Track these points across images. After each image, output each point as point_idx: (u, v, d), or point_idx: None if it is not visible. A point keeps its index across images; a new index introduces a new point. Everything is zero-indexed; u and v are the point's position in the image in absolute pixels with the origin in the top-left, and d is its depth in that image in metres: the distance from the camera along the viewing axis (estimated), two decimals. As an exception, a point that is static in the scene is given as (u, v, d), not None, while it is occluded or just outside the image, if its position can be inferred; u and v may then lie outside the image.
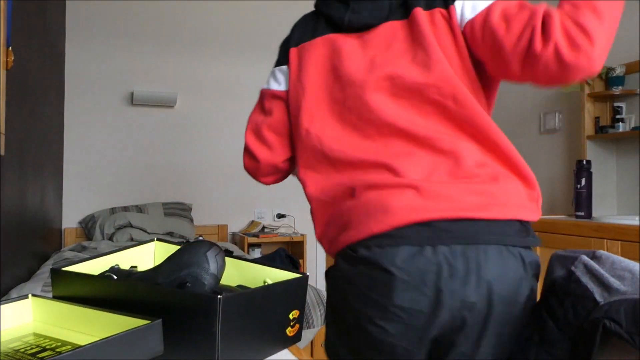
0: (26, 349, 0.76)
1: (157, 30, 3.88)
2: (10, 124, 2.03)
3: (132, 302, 0.83)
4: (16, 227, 2.25)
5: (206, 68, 4.00)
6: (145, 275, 0.91)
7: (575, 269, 0.96)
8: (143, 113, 3.84)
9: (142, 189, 3.82)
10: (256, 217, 4.11)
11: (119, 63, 3.78)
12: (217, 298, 0.75)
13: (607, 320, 0.85)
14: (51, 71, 3.11)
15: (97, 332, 0.79)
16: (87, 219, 3.60)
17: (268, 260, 3.18)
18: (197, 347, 0.77)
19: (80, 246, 3.22)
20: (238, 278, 1.03)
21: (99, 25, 3.73)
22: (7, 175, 2.05)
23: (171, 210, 3.72)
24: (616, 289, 0.89)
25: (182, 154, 3.93)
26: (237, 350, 0.80)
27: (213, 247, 0.89)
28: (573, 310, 0.92)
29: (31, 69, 2.48)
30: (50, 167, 3.11)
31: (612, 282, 0.90)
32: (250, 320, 0.83)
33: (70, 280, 0.92)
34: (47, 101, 2.98)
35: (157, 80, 3.87)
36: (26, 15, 2.33)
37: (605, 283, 0.91)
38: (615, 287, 0.89)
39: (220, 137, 4.03)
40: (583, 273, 0.95)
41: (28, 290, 2.10)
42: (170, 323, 0.76)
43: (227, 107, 4.05)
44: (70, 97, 3.65)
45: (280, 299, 0.90)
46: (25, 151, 2.40)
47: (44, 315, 0.88)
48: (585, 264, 0.95)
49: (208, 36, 4.01)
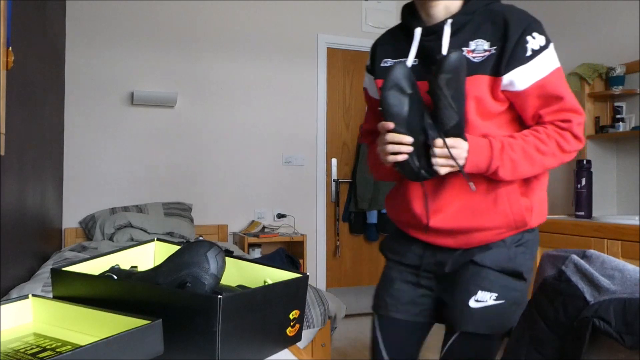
0: (26, 349, 0.76)
1: (157, 30, 3.88)
2: (10, 124, 2.03)
3: (132, 302, 0.82)
4: (16, 227, 2.25)
5: (206, 68, 4.00)
6: (145, 275, 0.91)
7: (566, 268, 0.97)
8: (143, 113, 3.84)
9: (142, 189, 3.82)
10: (256, 217, 4.11)
11: (119, 63, 3.78)
12: (217, 298, 0.75)
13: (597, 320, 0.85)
14: (51, 71, 3.11)
15: (97, 332, 0.79)
16: (87, 219, 3.60)
17: (268, 260, 3.19)
18: (197, 347, 0.77)
19: (81, 246, 3.22)
20: (238, 278, 1.03)
21: (99, 25, 3.73)
22: (7, 175, 2.05)
23: (171, 210, 3.72)
24: (606, 288, 0.89)
25: (182, 154, 3.93)
26: (237, 350, 0.80)
27: (213, 247, 0.89)
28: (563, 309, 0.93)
29: (31, 69, 2.48)
30: (50, 167, 3.11)
31: (602, 281, 0.91)
32: (250, 321, 0.83)
33: (71, 280, 0.92)
34: (47, 101, 2.98)
35: (157, 80, 3.87)
36: (26, 15, 2.33)
37: (595, 282, 0.91)
38: (605, 287, 0.90)
39: (220, 137, 4.03)
40: (573, 272, 0.95)
41: (28, 290, 2.09)
42: (170, 323, 0.76)
43: (227, 107, 4.05)
44: (70, 97, 3.65)
45: (280, 299, 0.90)
46: (25, 151, 2.40)
47: (44, 315, 0.88)
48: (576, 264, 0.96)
49: (208, 36, 4.01)
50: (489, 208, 1.23)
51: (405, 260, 1.38)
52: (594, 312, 0.86)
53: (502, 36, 1.17)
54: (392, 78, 1.14)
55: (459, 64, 1.12)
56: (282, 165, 4.20)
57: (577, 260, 0.96)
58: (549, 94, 1.17)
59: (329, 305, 2.39)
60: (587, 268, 0.93)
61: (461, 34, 1.21)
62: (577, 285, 0.92)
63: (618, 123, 3.01)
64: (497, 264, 1.25)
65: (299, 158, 4.22)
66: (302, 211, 4.22)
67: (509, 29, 1.16)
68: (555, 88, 1.17)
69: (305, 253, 3.91)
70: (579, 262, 0.95)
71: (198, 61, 3.98)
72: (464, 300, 1.25)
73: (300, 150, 4.21)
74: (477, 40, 1.19)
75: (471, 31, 1.20)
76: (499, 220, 1.23)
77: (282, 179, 4.20)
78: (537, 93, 1.18)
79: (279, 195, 4.18)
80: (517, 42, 1.15)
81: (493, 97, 1.20)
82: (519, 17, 1.19)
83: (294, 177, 4.23)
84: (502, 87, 1.18)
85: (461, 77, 1.13)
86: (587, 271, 0.93)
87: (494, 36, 1.18)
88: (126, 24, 3.80)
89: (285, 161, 4.20)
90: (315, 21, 4.29)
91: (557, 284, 0.96)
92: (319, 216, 4.28)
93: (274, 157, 4.18)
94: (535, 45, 1.16)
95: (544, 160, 1.19)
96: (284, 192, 4.19)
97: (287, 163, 4.21)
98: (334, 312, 2.45)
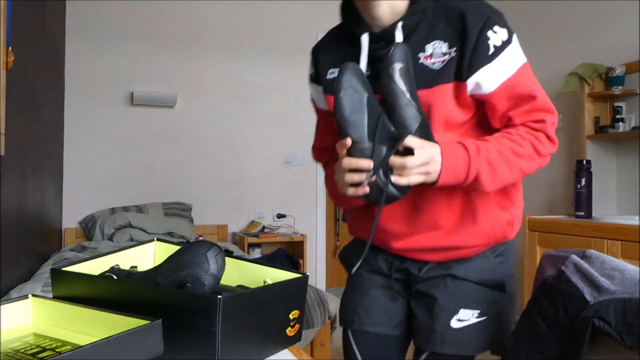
0: (26, 349, 0.76)
1: (157, 30, 3.88)
2: (10, 124, 2.03)
3: (132, 302, 0.82)
4: (16, 227, 2.25)
5: (206, 68, 4.00)
6: (145, 275, 0.91)
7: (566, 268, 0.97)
8: (143, 113, 3.84)
9: (142, 189, 3.82)
10: (256, 217, 4.11)
11: (119, 63, 3.78)
12: (217, 298, 0.75)
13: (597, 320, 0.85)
14: (51, 71, 3.11)
15: (97, 332, 0.78)
16: (87, 219, 3.60)
17: (268, 260, 3.18)
18: (197, 347, 0.77)
19: (80, 246, 3.22)
20: (238, 278, 1.03)
21: (99, 25, 3.73)
22: (7, 175, 2.05)
23: (171, 210, 3.72)
24: (606, 289, 0.89)
25: (182, 154, 3.93)
26: (237, 350, 0.80)
27: (213, 247, 0.89)
28: (563, 309, 0.93)
29: (31, 69, 2.48)
30: (50, 167, 3.11)
31: (602, 281, 0.91)
32: (250, 321, 0.83)
33: (70, 281, 0.92)
34: (47, 101, 2.98)
35: (157, 80, 3.87)
36: (26, 15, 2.33)
37: (595, 282, 0.91)
38: (605, 287, 0.90)
39: (220, 137, 4.02)
40: (573, 272, 0.95)
41: (28, 290, 2.09)
42: (170, 323, 0.76)
43: (227, 107, 4.05)
44: (70, 97, 3.65)
45: (280, 299, 0.90)
46: (25, 151, 2.40)
47: (44, 316, 0.88)
48: (576, 264, 0.96)
49: (208, 36, 4.01)
50: (467, 227, 1.09)
51: (374, 267, 1.23)
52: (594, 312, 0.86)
53: (460, 34, 1.02)
54: (345, 79, 0.96)
55: (409, 54, 0.99)
56: (282, 165, 4.20)
57: (577, 261, 0.96)
58: (519, 94, 1.04)
59: (329, 305, 2.39)
60: (587, 268, 0.93)
61: (415, 37, 1.06)
62: (577, 286, 0.92)
63: (618, 123, 3.01)
64: (479, 276, 1.13)
65: (299, 158, 4.22)
66: (302, 211, 4.22)
67: (466, 24, 1.02)
68: (525, 87, 1.04)
69: (305, 253, 3.91)
70: (579, 262, 0.95)
71: (198, 61, 3.98)
72: (444, 321, 1.12)
73: (300, 150, 4.21)
74: (433, 43, 1.05)
75: (425, 33, 1.05)
76: (479, 239, 1.11)
77: (282, 179, 4.20)
78: (507, 94, 1.04)
79: (278, 195, 4.18)
80: (477, 40, 1.01)
81: (459, 106, 1.06)
82: (476, 10, 1.03)
83: (294, 177, 4.23)
84: (468, 92, 1.04)
85: (411, 70, 1.00)
86: (587, 271, 0.93)
87: (452, 35, 1.04)
88: (126, 24, 3.80)
89: (285, 161, 4.20)
90: (315, 21, 4.29)
91: (557, 284, 0.96)
92: (319, 216, 4.28)
93: (273, 157, 4.18)
94: (497, 40, 1.02)
95: (521, 163, 1.04)
96: (284, 192, 4.19)
97: (287, 163, 4.21)
98: (334, 312, 2.45)
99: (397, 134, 0.97)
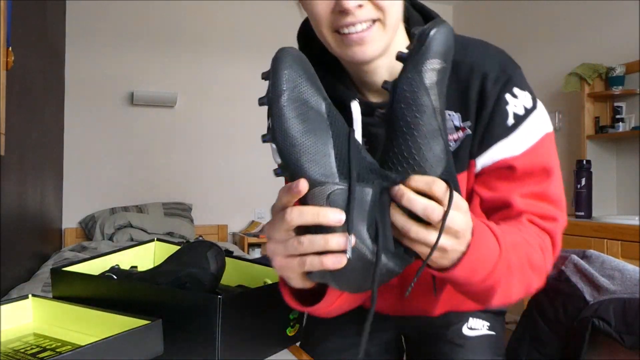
0: (26, 349, 0.76)
1: (157, 30, 3.88)
2: (10, 124, 2.03)
3: (132, 302, 0.83)
4: (16, 227, 2.25)
5: (206, 68, 4.00)
6: (145, 275, 0.91)
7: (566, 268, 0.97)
8: (143, 113, 3.84)
9: (142, 189, 3.82)
10: (256, 217, 4.11)
11: (119, 63, 3.77)
12: (217, 298, 0.75)
13: (597, 320, 0.85)
14: (51, 71, 3.11)
15: (97, 332, 0.79)
16: (87, 219, 3.60)
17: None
18: (197, 347, 0.77)
19: (80, 246, 3.22)
20: (238, 278, 1.03)
21: (99, 25, 3.73)
22: (7, 175, 2.05)
23: (171, 210, 3.72)
24: (606, 288, 0.90)
25: (182, 154, 3.93)
26: (237, 350, 0.80)
27: (213, 247, 0.89)
28: (563, 309, 0.93)
29: (31, 69, 2.48)
30: (50, 167, 3.11)
31: (602, 281, 0.91)
32: (250, 321, 0.83)
33: (70, 280, 0.92)
34: (47, 101, 2.98)
35: (157, 80, 3.87)
36: (26, 15, 2.33)
37: (595, 282, 0.92)
38: (605, 287, 0.90)
39: (220, 137, 4.02)
40: (573, 272, 0.95)
41: (28, 290, 2.09)
42: (170, 323, 0.76)
43: (227, 107, 4.05)
44: (70, 97, 3.65)
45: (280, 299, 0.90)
46: (25, 151, 2.41)
47: (44, 316, 0.88)
48: (576, 264, 0.96)
49: (208, 36, 4.01)
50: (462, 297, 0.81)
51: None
52: (594, 312, 0.86)
53: (475, 100, 0.78)
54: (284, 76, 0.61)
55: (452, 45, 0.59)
56: (282, 165, 4.20)
57: (577, 260, 0.96)
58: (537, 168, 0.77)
59: (329, 305, 2.39)
60: (587, 268, 0.93)
61: None
62: (577, 285, 0.93)
63: (618, 123, 3.01)
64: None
65: (299, 158, 4.21)
66: (302, 211, 4.22)
67: (485, 86, 0.77)
68: (541, 160, 0.78)
69: (305, 253, 3.91)
70: (579, 262, 0.95)
71: (198, 61, 3.98)
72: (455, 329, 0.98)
73: (300, 150, 4.20)
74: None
75: None
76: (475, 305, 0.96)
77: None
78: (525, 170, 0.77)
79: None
80: (494, 107, 0.77)
81: (466, 195, 0.81)
82: (491, 64, 0.78)
83: (294, 177, 4.22)
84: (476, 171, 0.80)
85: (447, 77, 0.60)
86: (587, 271, 0.93)
87: (464, 102, 0.78)
88: (126, 24, 3.80)
89: (285, 161, 4.20)
90: (315, 21, 4.29)
91: (557, 284, 0.96)
92: (319, 216, 4.28)
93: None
94: (519, 107, 0.77)
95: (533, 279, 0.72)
96: (284, 192, 4.19)
97: (287, 163, 4.20)
98: (334, 312, 2.45)
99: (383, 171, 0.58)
